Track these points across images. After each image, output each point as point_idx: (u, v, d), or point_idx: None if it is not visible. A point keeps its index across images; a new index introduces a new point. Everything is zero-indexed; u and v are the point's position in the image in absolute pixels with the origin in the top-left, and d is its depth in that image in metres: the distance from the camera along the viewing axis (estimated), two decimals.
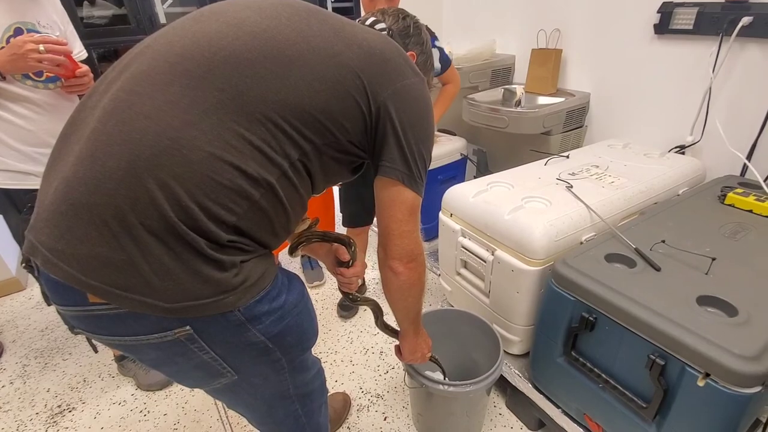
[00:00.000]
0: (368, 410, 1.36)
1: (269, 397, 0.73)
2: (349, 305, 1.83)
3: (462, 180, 2.13)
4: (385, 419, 1.33)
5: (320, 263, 2.11)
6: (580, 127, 1.85)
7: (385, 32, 0.81)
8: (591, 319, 0.94)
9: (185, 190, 0.51)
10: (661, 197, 1.31)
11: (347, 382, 1.47)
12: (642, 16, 1.51)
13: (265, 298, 0.61)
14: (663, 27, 1.46)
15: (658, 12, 1.45)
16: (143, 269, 0.51)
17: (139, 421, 1.37)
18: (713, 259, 0.92)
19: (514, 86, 2.06)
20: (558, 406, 1.14)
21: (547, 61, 1.87)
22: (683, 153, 1.52)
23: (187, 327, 0.56)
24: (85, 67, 1.21)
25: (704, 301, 0.86)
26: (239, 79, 0.55)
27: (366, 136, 0.66)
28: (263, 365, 0.66)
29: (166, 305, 0.53)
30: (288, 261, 2.20)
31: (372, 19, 0.83)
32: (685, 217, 1.16)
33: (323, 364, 1.53)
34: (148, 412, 1.40)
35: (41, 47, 1.05)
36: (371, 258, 2.02)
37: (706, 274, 0.92)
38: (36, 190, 0.62)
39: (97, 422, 1.38)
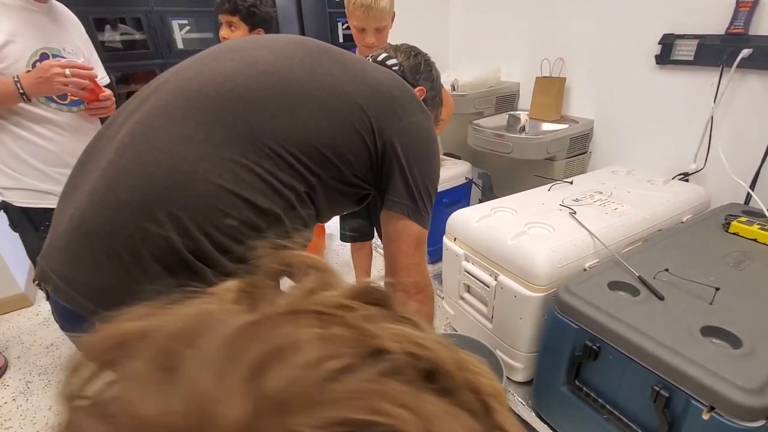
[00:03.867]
0: None
1: None
2: None
3: (467, 203, 2.15)
4: None
5: None
6: (584, 153, 1.87)
7: (397, 68, 0.84)
8: (594, 348, 0.94)
9: (194, 222, 0.54)
10: (664, 224, 1.32)
11: None
12: (644, 46, 1.55)
13: None
14: (664, 58, 1.49)
15: (659, 43, 1.48)
16: (152, 299, 0.53)
17: None
18: (717, 289, 0.92)
19: (518, 112, 2.10)
20: None
21: (551, 89, 1.90)
22: (687, 180, 1.53)
23: None
24: (108, 92, 1.27)
25: (708, 331, 0.85)
26: (251, 116, 0.58)
27: (372, 171, 0.68)
28: None
29: None
30: None
31: (384, 55, 0.86)
32: (689, 246, 1.16)
33: None
34: None
35: (67, 71, 1.10)
36: (376, 267, 2.03)
37: (711, 303, 0.92)
38: (54, 210, 0.64)
39: None
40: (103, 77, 1.41)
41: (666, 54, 1.48)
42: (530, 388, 1.22)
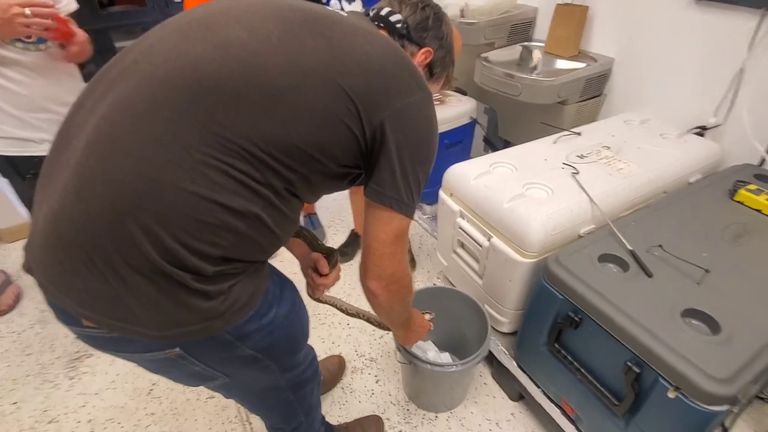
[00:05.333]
0: (362, 372, 1.46)
1: (261, 391, 0.79)
2: (347, 251, 1.93)
3: (469, 144, 2.07)
4: (377, 382, 1.43)
5: (321, 222, 2.15)
6: (599, 95, 1.75)
7: (400, 24, 0.74)
8: (576, 319, 0.96)
9: (168, 232, 0.51)
10: (671, 186, 1.27)
11: (343, 344, 1.55)
12: None
13: (254, 317, 0.63)
14: None
15: None
16: (130, 303, 0.53)
17: None
18: (707, 271, 0.92)
19: (533, 44, 1.92)
20: (538, 386, 1.20)
21: (571, 20, 1.71)
22: (703, 135, 1.44)
23: (177, 348, 0.59)
24: (81, 36, 1.16)
25: (690, 313, 0.86)
26: (222, 113, 0.52)
27: (362, 158, 0.63)
28: (254, 371, 0.70)
29: (154, 333, 0.55)
30: None
31: (387, 9, 0.75)
32: (690, 214, 1.13)
33: (321, 326, 1.62)
34: None
35: (27, 11, 0.99)
36: None
37: (698, 284, 0.92)
38: (37, 157, 0.61)
39: (113, 369, 1.50)
40: (68, 3, 1.27)
41: None
42: (514, 339, 1.28)
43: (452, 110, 1.89)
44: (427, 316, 1.07)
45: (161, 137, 0.51)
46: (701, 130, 1.44)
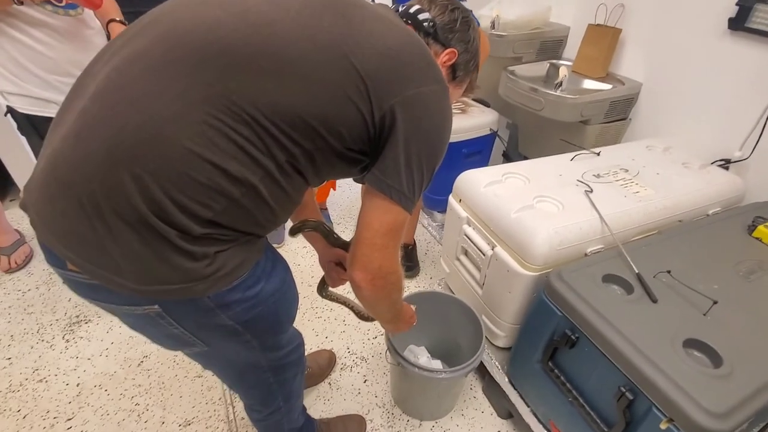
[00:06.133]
0: (351, 370, 1.44)
1: (241, 367, 0.78)
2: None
3: (488, 156, 2.05)
4: (364, 382, 1.40)
5: (332, 218, 2.15)
6: (624, 119, 1.71)
7: (428, 23, 0.74)
8: (573, 337, 0.93)
9: (159, 185, 0.52)
10: (687, 216, 1.23)
11: (336, 340, 1.54)
12: (718, 5, 1.33)
13: (239, 287, 0.62)
14: (739, 22, 1.28)
15: (736, 5, 1.27)
16: (113, 251, 0.53)
17: (145, 342, 1.48)
18: (715, 302, 0.88)
19: (561, 62, 1.90)
20: (528, 405, 1.17)
21: (602, 40, 1.70)
22: (727, 168, 1.40)
23: (156, 306, 0.59)
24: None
25: (691, 344, 0.83)
26: (231, 76, 0.53)
27: (370, 143, 0.63)
28: (234, 343, 0.70)
29: (134, 286, 0.55)
30: None
31: (417, 7, 0.75)
32: (704, 245, 1.09)
33: (317, 319, 1.61)
34: None
35: None
36: None
37: (704, 315, 0.88)
38: None
39: (109, 336, 1.51)
40: None
41: (741, 18, 1.27)
42: (509, 354, 1.25)
43: (473, 120, 1.88)
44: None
45: (166, 91, 0.52)
46: (726, 163, 1.40)
